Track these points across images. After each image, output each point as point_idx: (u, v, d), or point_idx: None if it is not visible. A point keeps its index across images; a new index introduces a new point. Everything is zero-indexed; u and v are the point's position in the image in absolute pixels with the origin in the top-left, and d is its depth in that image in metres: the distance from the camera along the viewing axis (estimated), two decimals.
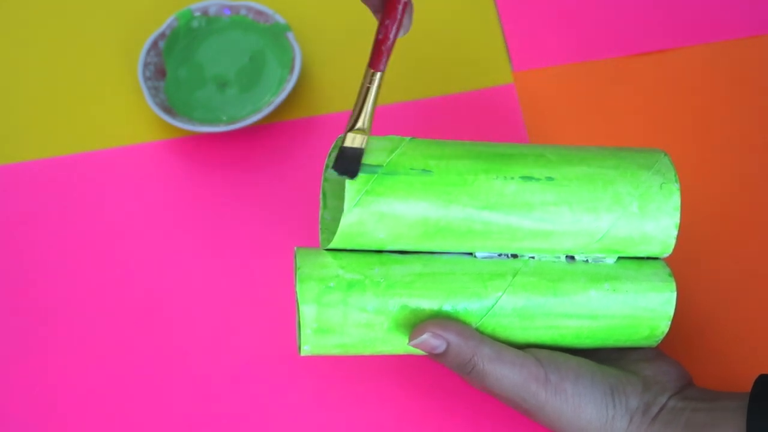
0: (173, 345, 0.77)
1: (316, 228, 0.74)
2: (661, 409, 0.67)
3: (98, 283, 0.80)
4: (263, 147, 0.85)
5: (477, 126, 0.85)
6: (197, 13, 0.89)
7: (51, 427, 0.75)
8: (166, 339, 0.77)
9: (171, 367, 0.76)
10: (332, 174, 0.70)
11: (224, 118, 0.85)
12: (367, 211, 0.65)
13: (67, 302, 0.79)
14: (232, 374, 0.76)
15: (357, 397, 0.75)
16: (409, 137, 0.67)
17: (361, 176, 0.65)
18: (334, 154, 0.70)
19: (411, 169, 0.66)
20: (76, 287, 0.80)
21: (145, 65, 0.87)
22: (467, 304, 0.66)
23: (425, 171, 0.66)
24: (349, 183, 0.65)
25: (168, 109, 0.85)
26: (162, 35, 0.88)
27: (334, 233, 0.68)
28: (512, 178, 0.66)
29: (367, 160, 0.65)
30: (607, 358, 0.70)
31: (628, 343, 0.70)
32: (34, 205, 0.83)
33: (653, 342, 0.70)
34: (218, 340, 0.77)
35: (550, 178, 0.67)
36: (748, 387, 0.67)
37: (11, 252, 0.81)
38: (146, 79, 0.86)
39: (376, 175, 0.65)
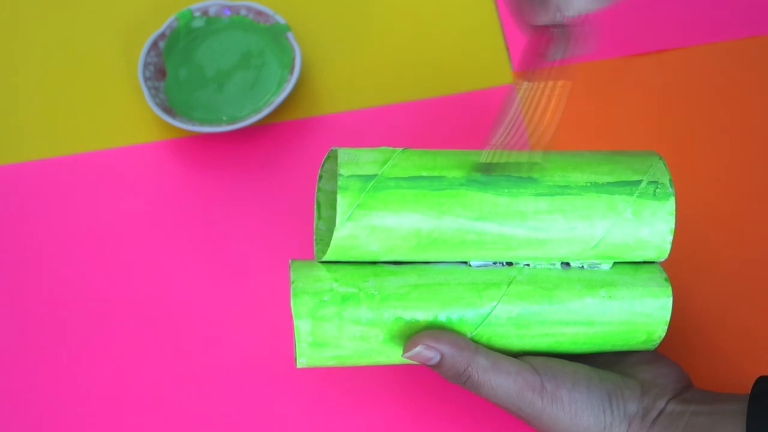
0: (170, 346, 0.77)
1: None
2: (660, 413, 0.66)
3: (97, 282, 0.80)
4: (263, 147, 0.85)
5: (477, 126, 0.85)
6: (197, 13, 0.89)
7: (48, 426, 0.75)
8: (163, 341, 0.78)
9: (168, 368, 0.77)
10: (325, 185, 0.71)
11: (224, 118, 0.86)
12: (359, 225, 0.65)
13: (66, 302, 0.79)
14: (229, 375, 0.76)
15: (356, 403, 0.75)
16: (401, 148, 0.67)
17: (353, 190, 0.65)
18: (327, 165, 0.71)
19: (403, 181, 0.65)
20: (76, 287, 0.80)
21: (145, 65, 0.87)
22: (462, 314, 0.66)
23: (417, 183, 0.66)
24: (340, 197, 0.65)
25: (168, 109, 0.85)
26: (162, 35, 0.88)
27: (328, 244, 0.68)
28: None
29: (358, 172, 0.65)
30: (605, 362, 0.70)
31: (625, 348, 0.70)
32: (34, 205, 0.83)
33: (650, 346, 0.70)
34: (216, 341, 0.77)
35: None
36: (747, 388, 0.67)
37: (11, 252, 0.82)
38: (146, 79, 0.86)
39: (367, 189, 0.65)
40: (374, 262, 0.68)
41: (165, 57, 0.88)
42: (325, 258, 0.67)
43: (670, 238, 0.68)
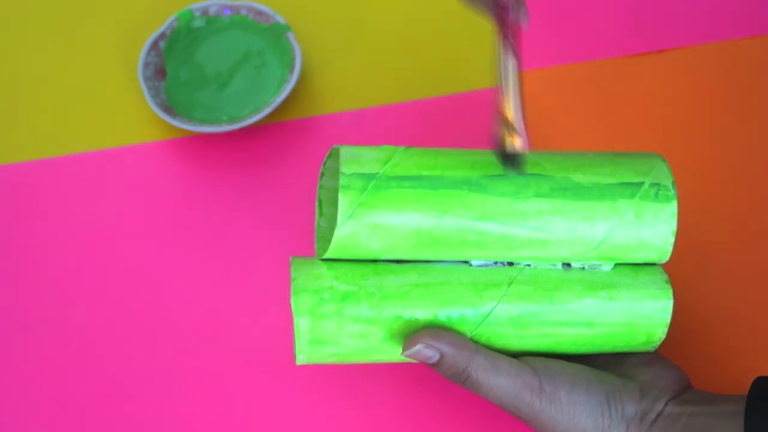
0: (171, 344, 0.77)
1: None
2: (659, 415, 0.66)
3: (98, 283, 0.80)
4: (263, 147, 0.85)
5: (476, 126, 0.85)
6: (197, 13, 0.89)
7: (48, 425, 0.75)
8: (163, 339, 0.77)
9: (168, 366, 0.77)
10: (327, 182, 0.71)
11: (224, 118, 0.85)
12: (361, 224, 0.65)
13: (66, 302, 0.79)
14: (228, 372, 0.76)
15: (355, 401, 0.75)
16: (403, 147, 0.67)
17: (354, 188, 0.65)
18: (329, 163, 0.71)
19: (404, 180, 0.65)
20: (76, 287, 0.80)
21: (146, 65, 0.87)
22: (462, 314, 0.66)
23: (418, 182, 0.66)
24: (342, 195, 0.65)
25: (168, 109, 0.85)
26: (162, 35, 0.88)
27: (329, 241, 0.68)
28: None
29: (360, 170, 0.65)
30: (605, 363, 0.70)
31: (625, 349, 0.70)
32: (34, 205, 0.83)
33: (650, 348, 0.70)
34: (216, 339, 0.77)
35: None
36: (747, 389, 0.67)
37: (11, 252, 0.82)
38: (146, 79, 0.86)
39: (369, 188, 0.65)
40: (375, 261, 0.68)
41: (165, 57, 0.88)
42: (326, 256, 0.67)
43: (672, 240, 0.68)
